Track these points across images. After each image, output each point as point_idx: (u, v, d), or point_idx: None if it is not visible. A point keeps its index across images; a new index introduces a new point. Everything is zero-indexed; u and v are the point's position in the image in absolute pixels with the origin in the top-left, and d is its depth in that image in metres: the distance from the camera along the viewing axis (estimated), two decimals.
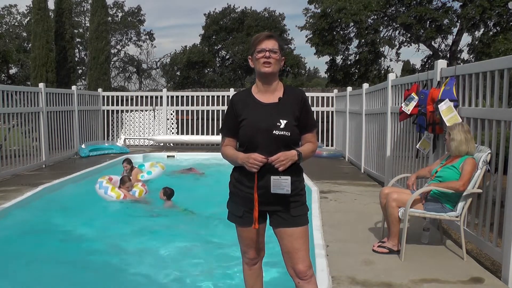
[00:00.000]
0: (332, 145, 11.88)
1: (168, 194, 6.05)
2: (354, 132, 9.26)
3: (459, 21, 17.57)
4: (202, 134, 12.41)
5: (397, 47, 21.10)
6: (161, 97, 12.52)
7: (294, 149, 2.25)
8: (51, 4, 14.60)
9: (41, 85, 8.89)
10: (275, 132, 2.24)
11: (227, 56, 31.73)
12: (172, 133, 12.56)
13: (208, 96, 12.43)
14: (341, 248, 3.93)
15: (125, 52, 33.45)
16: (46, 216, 5.41)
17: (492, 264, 3.75)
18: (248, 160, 2.18)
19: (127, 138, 12.61)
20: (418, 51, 22.26)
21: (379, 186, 6.83)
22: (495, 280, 3.25)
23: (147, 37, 33.28)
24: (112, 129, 12.72)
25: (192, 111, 12.59)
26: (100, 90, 12.41)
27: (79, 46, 28.37)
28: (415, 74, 5.58)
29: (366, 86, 8.47)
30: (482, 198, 3.81)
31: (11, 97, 7.70)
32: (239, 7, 31.45)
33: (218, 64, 31.92)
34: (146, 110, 12.62)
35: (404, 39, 20.66)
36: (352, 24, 19.22)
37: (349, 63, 22.34)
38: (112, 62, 29.21)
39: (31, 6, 14.85)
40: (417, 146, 4.94)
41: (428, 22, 17.94)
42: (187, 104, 12.49)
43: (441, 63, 4.63)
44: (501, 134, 3.51)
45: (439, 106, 4.16)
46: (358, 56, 21.48)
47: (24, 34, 28.77)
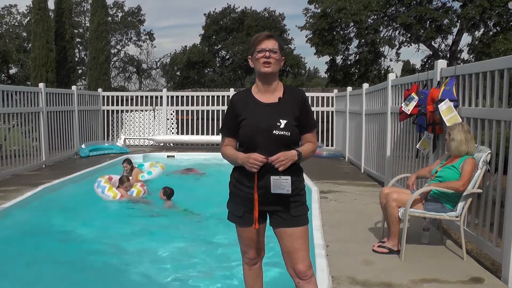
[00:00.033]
0: (332, 145, 11.88)
1: (168, 194, 6.05)
2: (354, 132, 9.26)
3: (459, 21, 17.57)
4: (202, 134, 12.41)
5: (397, 47, 21.11)
6: (161, 97, 12.53)
7: (294, 149, 2.25)
8: (51, 4, 14.65)
9: (41, 85, 8.89)
10: (275, 132, 2.24)
11: (227, 56, 31.74)
12: (172, 133, 12.56)
13: (208, 96, 12.43)
14: (341, 248, 3.93)
15: (125, 52, 33.51)
16: (46, 216, 5.41)
17: (492, 264, 3.75)
18: (248, 160, 2.18)
19: (127, 138, 12.61)
20: (418, 51, 22.29)
21: (379, 186, 6.83)
22: (495, 280, 3.25)
23: (147, 37, 33.32)
24: (112, 129, 12.72)
25: (192, 111, 12.59)
26: (100, 90, 12.42)
27: (79, 46, 28.38)
28: (415, 74, 5.58)
29: (366, 86, 8.47)
30: (482, 198, 3.81)
31: (11, 97, 7.70)
32: (239, 7, 31.52)
33: (218, 64, 31.93)
34: (146, 110, 12.62)
35: (404, 39, 20.67)
36: (352, 24, 19.21)
37: (349, 63, 22.34)
38: (112, 62, 29.22)
39: (31, 6, 14.86)
40: (417, 146, 4.94)
41: (428, 22, 17.94)
42: (187, 104, 12.49)
43: (441, 63, 4.63)
44: (501, 134, 3.51)
45: (439, 106, 4.16)
46: (358, 56, 21.48)
47: (24, 34, 28.77)
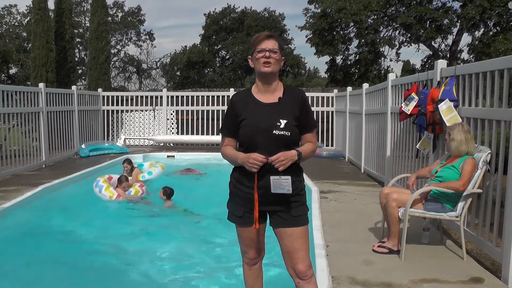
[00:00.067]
0: (332, 145, 11.88)
1: (168, 193, 6.05)
2: (354, 132, 9.26)
3: (459, 21, 17.57)
4: (202, 134, 12.41)
5: (397, 47, 21.11)
6: (161, 97, 12.52)
7: (294, 149, 2.25)
8: (51, 4, 14.64)
9: (41, 85, 8.89)
10: (275, 132, 2.24)
11: (227, 56, 31.74)
12: (172, 133, 12.56)
13: (208, 96, 12.43)
14: (341, 248, 3.93)
15: (125, 52, 33.50)
16: (46, 216, 5.41)
17: (492, 264, 3.75)
18: (248, 160, 2.18)
19: (127, 138, 12.61)
20: (418, 51, 22.29)
21: (379, 186, 6.83)
22: (495, 280, 3.25)
23: (147, 37, 33.32)
24: (112, 129, 12.72)
25: (192, 111, 12.59)
26: (100, 90, 12.42)
27: (79, 46, 28.38)
28: (415, 74, 5.58)
29: (366, 86, 8.47)
30: (482, 198, 3.81)
31: (11, 97, 7.70)
32: (239, 7, 31.53)
33: (218, 64, 31.93)
34: (146, 110, 12.62)
35: (404, 39, 20.67)
36: (352, 24, 19.21)
37: (349, 63, 22.34)
38: (112, 62, 29.22)
39: (31, 6, 14.85)
40: (417, 146, 4.94)
41: (428, 22, 17.94)
42: (187, 104, 12.49)
43: (441, 63, 4.63)
44: (501, 134, 3.51)
45: (439, 106, 4.16)
46: (358, 56, 21.48)
47: (24, 34, 28.77)
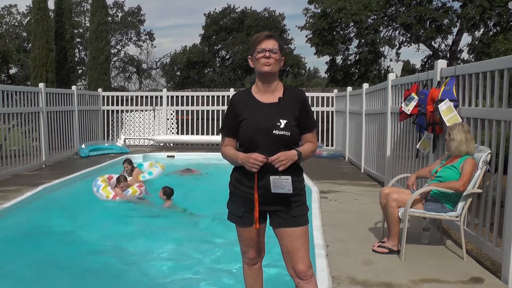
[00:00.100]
0: (332, 145, 11.88)
1: (168, 193, 6.05)
2: (354, 132, 9.26)
3: (459, 21, 17.57)
4: (202, 134, 12.41)
5: (397, 47, 21.12)
6: (161, 97, 12.52)
7: (294, 149, 2.24)
8: (51, 4, 14.65)
9: (41, 85, 8.89)
10: (275, 132, 2.24)
11: (227, 56, 31.74)
12: (172, 133, 12.56)
13: (208, 96, 12.43)
14: (341, 248, 3.93)
15: (125, 52, 33.50)
16: (46, 216, 5.41)
17: (492, 264, 3.75)
18: (248, 160, 2.18)
19: (127, 138, 12.61)
20: (418, 51, 22.30)
21: (379, 186, 6.83)
22: (495, 280, 3.25)
23: (147, 37, 33.32)
24: (112, 129, 12.72)
25: (192, 111, 12.59)
26: (100, 90, 12.42)
27: (79, 46, 28.38)
28: (415, 74, 5.58)
29: (366, 86, 8.47)
30: (482, 198, 3.81)
31: (11, 97, 7.70)
32: (239, 7, 31.53)
33: (218, 64, 31.93)
34: (146, 110, 12.62)
35: (404, 39, 20.67)
36: (352, 24, 19.22)
37: (349, 63, 22.34)
38: (112, 62, 29.22)
39: (31, 6, 14.85)
40: (417, 146, 4.94)
41: (428, 22, 17.94)
42: (187, 104, 12.49)
43: (441, 63, 4.63)
44: (501, 134, 3.51)
45: (439, 106, 4.16)
46: (358, 56, 21.48)
47: (24, 34, 28.76)
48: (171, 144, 12.19)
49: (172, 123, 12.60)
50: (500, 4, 15.43)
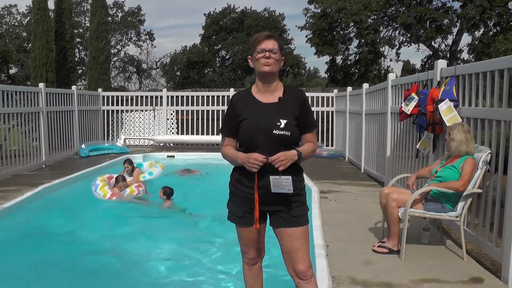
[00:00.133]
0: (332, 145, 11.88)
1: (168, 193, 6.04)
2: (354, 132, 9.26)
3: (459, 21, 17.58)
4: (202, 134, 12.41)
5: (397, 47, 21.12)
6: (161, 97, 12.53)
7: (294, 149, 2.24)
8: (51, 4, 14.65)
9: (41, 85, 8.89)
10: (275, 132, 2.24)
11: (227, 56, 31.74)
12: (172, 133, 12.56)
13: (208, 96, 12.43)
14: (341, 248, 3.93)
15: (125, 52, 33.51)
16: (46, 216, 5.41)
17: (492, 264, 3.75)
18: (249, 160, 2.18)
19: (127, 138, 12.61)
20: (418, 51, 22.31)
21: (379, 186, 6.83)
22: (495, 280, 3.25)
23: (147, 37, 33.32)
24: (112, 129, 12.72)
25: (192, 111, 12.59)
26: (100, 90, 12.41)
27: (79, 46, 28.38)
28: (415, 74, 5.58)
29: (366, 86, 8.47)
30: (482, 198, 3.81)
31: (11, 97, 7.70)
32: (239, 7, 31.54)
33: (218, 64, 31.93)
34: (146, 110, 12.62)
35: (404, 39, 20.67)
36: (352, 24, 19.22)
37: (349, 63, 22.35)
38: (112, 62, 29.22)
39: (31, 6, 14.85)
40: (417, 146, 4.94)
41: (428, 22, 17.94)
42: (187, 104, 12.49)
43: (441, 63, 4.63)
44: (501, 134, 3.51)
45: (439, 106, 4.16)
46: (358, 56, 21.49)
47: (24, 34, 28.77)
48: (171, 144, 12.19)
49: (172, 123, 12.60)
50: (500, 4, 15.43)
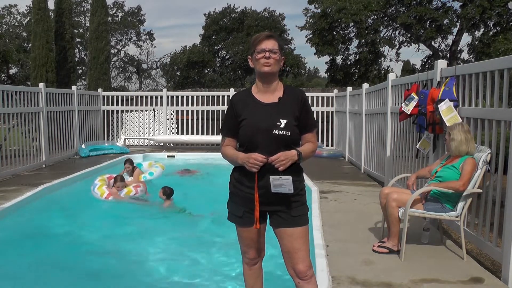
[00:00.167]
0: (332, 145, 11.88)
1: (168, 193, 6.04)
2: (354, 132, 9.26)
3: (459, 21, 17.58)
4: (202, 134, 12.41)
5: (397, 47, 21.12)
6: (161, 97, 12.53)
7: (294, 149, 2.24)
8: (51, 4, 14.65)
9: (41, 85, 8.89)
10: (275, 131, 2.23)
11: (227, 56, 31.74)
12: (172, 133, 12.56)
13: (208, 96, 12.43)
14: (341, 248, 3.93)
15: (125, 52, 33.50)
16: (46, 217, 5.41)
17: (492, 264, 3.75)
18: (249, 160, 2.18)
19: (127, 138, 12.61)
20: (418, 51, 22.31)
21: (379, 186, 6.83)
22: (495, 280, 3.25)
23: (147, 37, 33.32)
24: (112, 129, 12.72)
25: (192, 111, 12.59)
26: (100, 90, 12.42)
27: (79, 46, 28.38)
28: (415, 74, 5.58)
29: (366, 86, 8.47)
30: (482, 198, 3.81)
31: (11, 97, 7.70)
32: (239, 7, 31.53)
33: (218, 64, 31.93)
34: (146, 110, 12.62)
35: (404, 39, 20.67)
36: (352, 24, 19.22)
37: (349, 63, 22.35)
38: (112, 62, 29.23)
39: (31, 6, 14.85)
40: (417, 146, 4.94)
41: (428, 22, 17.94)
42: (187, 104, 12.49)
43: (441, 63, 4.63)
44: (501, 134, 3.51)
45: (439, 106, 4.16)
46: (358, 56, 21.49)
47: (24, 34, 28.77)
48: (171, 144, 12.19)
49: (172, 123, 12.60)
50: (500, 4, 15.43)
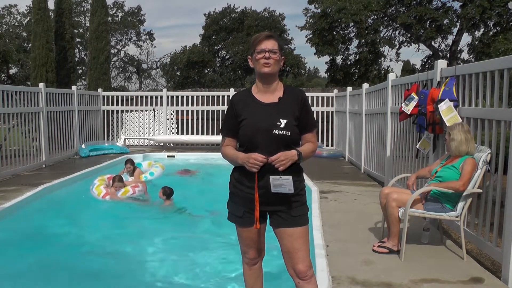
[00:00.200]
0: (332, 145, 11.88)
1: (168, 193, 6.04)
2: (354, 132, 9.26)
3: (459, 21, 17.58)
4: (202, 134, 12.41)
5: (397, 47, 21.12)
6: (161, 97, 12.53)
7: (294, 149, 2.24)
8: (51, 4, 14.65)
9: (41, 85, 8.89)
10: (275, 131, 2.23)
11: (227, 56, 31.74)
12: (172, 133, 12.56)
13: (208, 96, 12.43)
14: (341, 248, 3.93)
15: (125, 52, 33.50)
16: (46, 217, 5.41)
17: (492, 264, 3.75)
18: (249, 160, 2.18)
19: (127, 138, 12.61)
20: (418, 51, 22.31)
21: (379, 186, 6.83)
22: (495, 280, 3.25)
23: (147, 37, 33.32)
24: (112, 129, 12.72)
25: (192, 111, 12.59)
26: (100, 90, 12.42)
27: (79, 46, 28.38)
28: (415, 74, 5.58)
29: (366, 86, 8.47)
30: (482, 198, 3.81)
31: (11, 97, 7.70)
32: (239, 7, 31.55)
33: (218, 64, 31.93)
34: (146, 110, 12.62)
35: (404, 39, 20.67)
36: (352, 24, 19.22)
37: (349, 63, 22.35)
38: (112, 62, 29.22)
39: (31, 6, 14.85)
40: (417, 146, 4.94)
41: (428, 22, 17.94)
42: (187, 104, 12.49)
43: (441, 63, 4.63)
44: (501, 134, 3.51)
45: (439, 106, 4.16)
46: (358, 56, 21.49)
47: (24, 34, 28.77)
48: (171, 144, 12.19)
49: (172, 123, 12.60)
50: (500, 4, 15.43)
